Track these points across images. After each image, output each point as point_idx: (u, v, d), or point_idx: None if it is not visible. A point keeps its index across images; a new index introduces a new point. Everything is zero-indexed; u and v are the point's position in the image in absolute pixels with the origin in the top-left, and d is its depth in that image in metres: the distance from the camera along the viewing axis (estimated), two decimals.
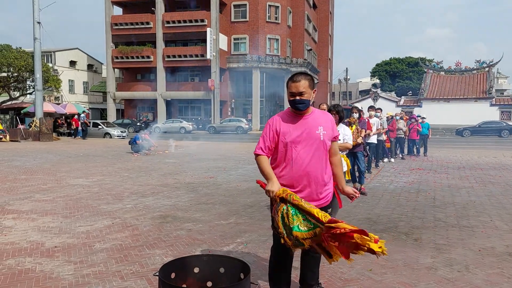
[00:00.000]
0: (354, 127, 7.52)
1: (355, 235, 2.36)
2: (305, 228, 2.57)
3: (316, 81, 52.42)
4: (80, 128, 25.14)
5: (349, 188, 2.95)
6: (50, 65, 41.24)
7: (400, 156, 14.47)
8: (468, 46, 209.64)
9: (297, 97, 2.76)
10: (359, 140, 7.53)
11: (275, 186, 2.72)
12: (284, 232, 2.62)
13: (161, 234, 4.94)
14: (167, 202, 6.83)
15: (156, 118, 41.48)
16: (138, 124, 36.68)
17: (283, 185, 2.79)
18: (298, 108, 2.81)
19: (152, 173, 10.23)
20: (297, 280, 3.39)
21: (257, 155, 2.87)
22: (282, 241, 2.63)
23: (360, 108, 9.05)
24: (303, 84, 2.76)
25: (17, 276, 3.66)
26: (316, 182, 2.83)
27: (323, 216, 2.53)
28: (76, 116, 26.62)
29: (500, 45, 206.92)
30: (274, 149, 2.90)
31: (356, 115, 8.02)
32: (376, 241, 2.36)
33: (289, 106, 2.89)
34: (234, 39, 41.59)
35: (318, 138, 2.82)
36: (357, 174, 7.88)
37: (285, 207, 2.63)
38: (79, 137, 25.04)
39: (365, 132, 8.67)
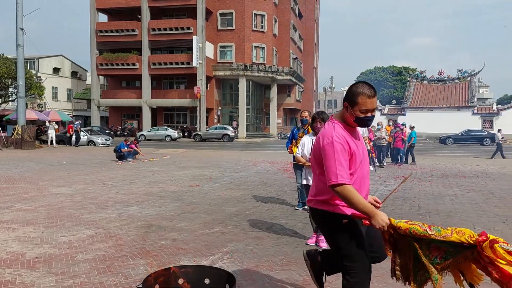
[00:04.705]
0: None
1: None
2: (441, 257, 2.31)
3: (301, 89, 52.91)
4: (74, 135, 24.89)
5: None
6: (34, 72, 40.72)
7: (379, 164, 14.30)
8: (451, 55, 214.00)
9: (370, 114, 2.46)
10: None
11: (386, 217, 2.38)
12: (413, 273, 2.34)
13: (146, 244, 4.86)
14: (152, 211, 6.74)
15: (141, 126, 41.21)
16: (107, 132, 34.79)
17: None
18: (367, 125, 2.55)
19: (137, 182, 10.11)
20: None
21: (342, 184, 2.35)
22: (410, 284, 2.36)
23: None
24: (376, 99, 2.50)
25: None
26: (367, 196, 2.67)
27: (467, 236, 2.25)
28: (72, 124, 26.22)
29: (483, 54, 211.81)
30: None
31: None
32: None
33: (339, 120, 2.54)
34: (220, 47, 41.72)
35: (366, 150, 2.69)
36: None
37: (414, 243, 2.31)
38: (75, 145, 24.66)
39: None
